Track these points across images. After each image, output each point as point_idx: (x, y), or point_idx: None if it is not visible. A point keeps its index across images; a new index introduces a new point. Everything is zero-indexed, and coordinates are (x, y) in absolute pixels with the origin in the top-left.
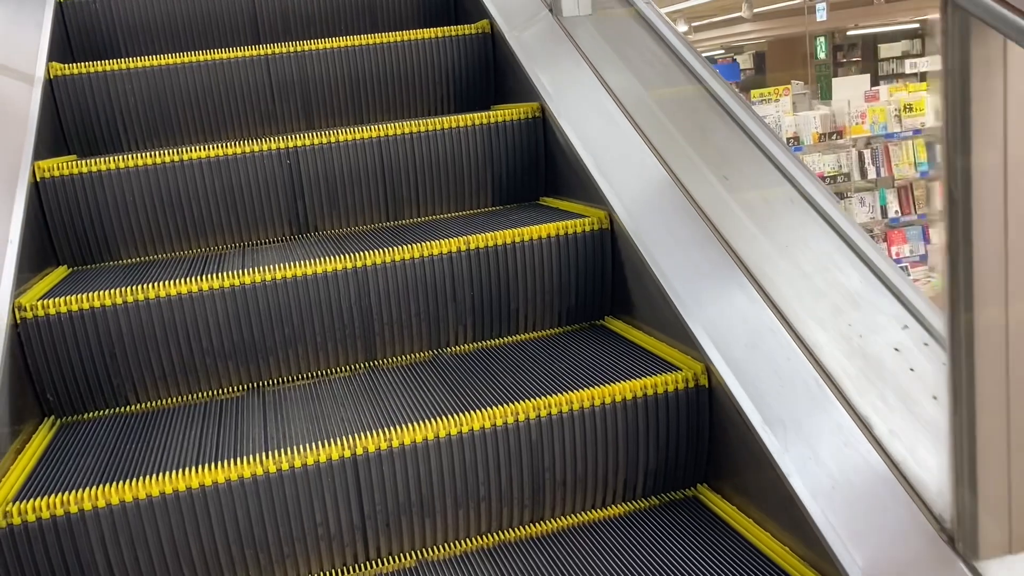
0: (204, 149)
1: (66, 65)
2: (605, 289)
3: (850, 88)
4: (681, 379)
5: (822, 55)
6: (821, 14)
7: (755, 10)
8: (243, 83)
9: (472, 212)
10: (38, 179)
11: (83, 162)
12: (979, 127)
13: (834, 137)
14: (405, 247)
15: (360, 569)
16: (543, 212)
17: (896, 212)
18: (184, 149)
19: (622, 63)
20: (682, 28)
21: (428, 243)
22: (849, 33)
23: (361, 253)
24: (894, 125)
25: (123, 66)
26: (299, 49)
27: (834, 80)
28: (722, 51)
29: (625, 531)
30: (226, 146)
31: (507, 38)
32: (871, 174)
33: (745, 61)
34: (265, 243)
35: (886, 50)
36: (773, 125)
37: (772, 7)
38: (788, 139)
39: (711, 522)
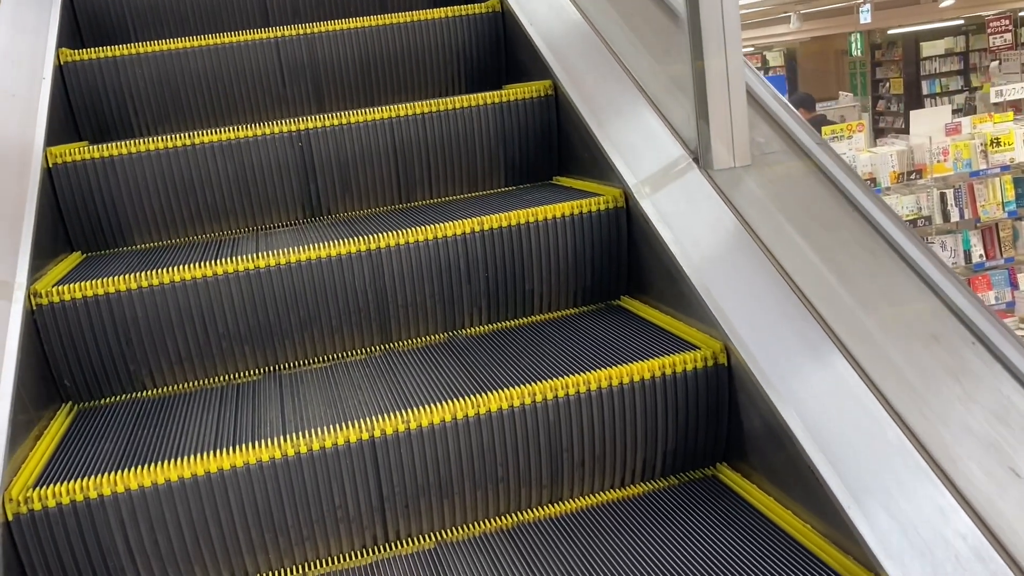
0: (215, 133)
1: (76, 51)
2: (621, 268)
3: (929, 120)
4: (700, 358)
5: (857, 52)
6: (865, 16)
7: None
8: (253, 66)
9: (485, 193)
10: (50, 165)
11: (94, 147)
12: None
13: (913, 177)
14: (419, 229)
15: (379, 551)
16: (557, 191)
17: (980, 256)
18: (195, 133)
19: (631, 30)
20: None
21: (442, 225)
22: (889, 32)
23: (375, 235)
24: (979, 161)
25: (133, 51)
26: (309, 31)
27: (912, 113)
28: (752, 48)
29: (644, 509)
30: (237, 130)
31: (516, 14)
32: (954, 216)
33: (775, 59)
34: (278, 227)
35: (928, 48)
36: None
37: (812, 9)
38: (865, 180)
39: (731, 500)
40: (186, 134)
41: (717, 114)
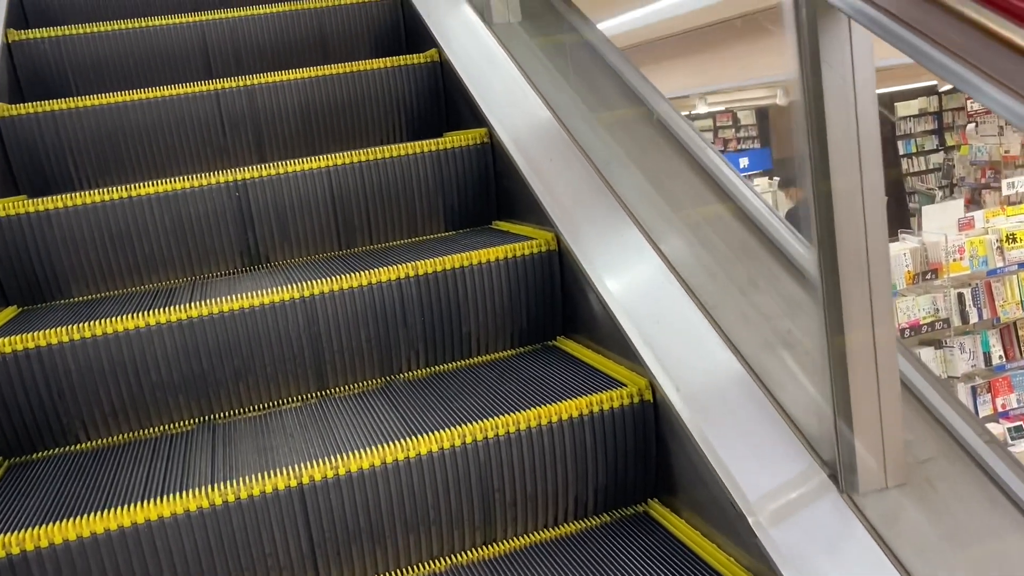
0: (154, 185)
1: (14, 106)
2: (556, 309)
3: (940, 215)
4: (626, 395)
5: None
6: None
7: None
8: (194, 118)
9: (425, 238)
10: None
11: (31, 201)
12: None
13: (929, 276)
14: (354, 275)
15: None
16: (494, 235)
17: (1000, 357)
18: (133, 185)
19: (559, 75)
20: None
21: (377, 270)
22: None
23: (310, 282)
24: (996, 259)
25: (73, 105)
26: (250, 83)
27: (924, 208)
28: (722, 108)
29: (577, 550)
30: (176, 181)
31: (455, 65)
32: (973, 317)
33: (747, 117)
34: (216, 276)
35: (903, 108)
36: None
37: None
38: None
39: (661, 537)
40: (124, 186)
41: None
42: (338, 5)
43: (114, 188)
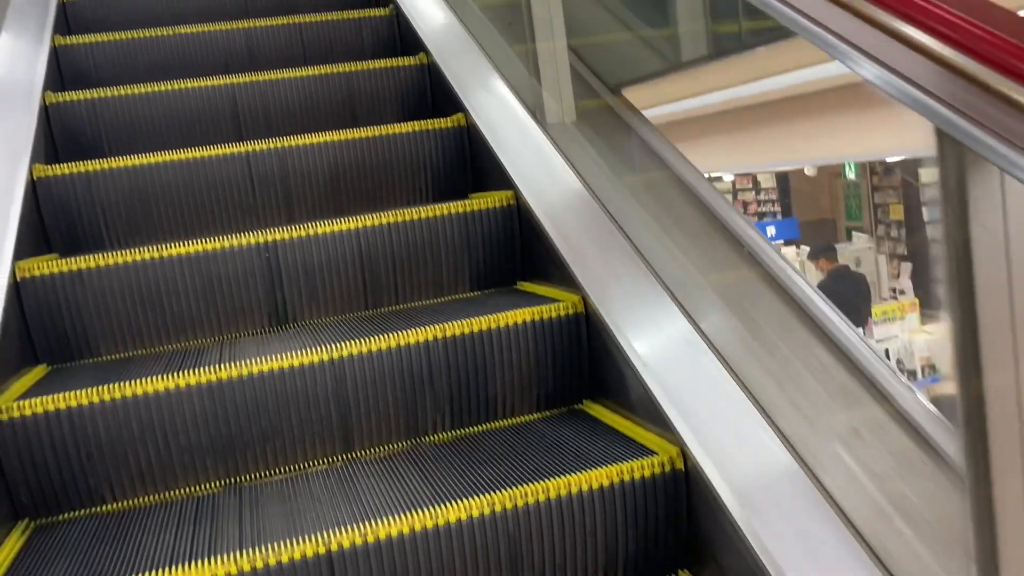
0: (184, 245)
1: (49, 166)
2: (582, 373)
3: None
4: (657, 463)
5: (852, 175)
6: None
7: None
8: (225, 179)
9: (451, 298)
10: (18, 279)
11: (63, 261)
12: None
13: None
14: (382, 336)
15: None
16: (519, 297)
17: None
18: (164, 245)
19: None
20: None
21: (405, 332)
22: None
23: (338, 344)
24: None
25: (106, 165)
26: (280, 145)
27: None
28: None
29: None
30: (206, 241)
31: (481, 130)
32: None
33: (767, 180)
34: (244, 336)
35: (927, 174)
36: (903, 350)
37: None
38: (922, 367)
39: None
40: (155, 247)
41: None
42: (367, 69)
43: (145, 248)
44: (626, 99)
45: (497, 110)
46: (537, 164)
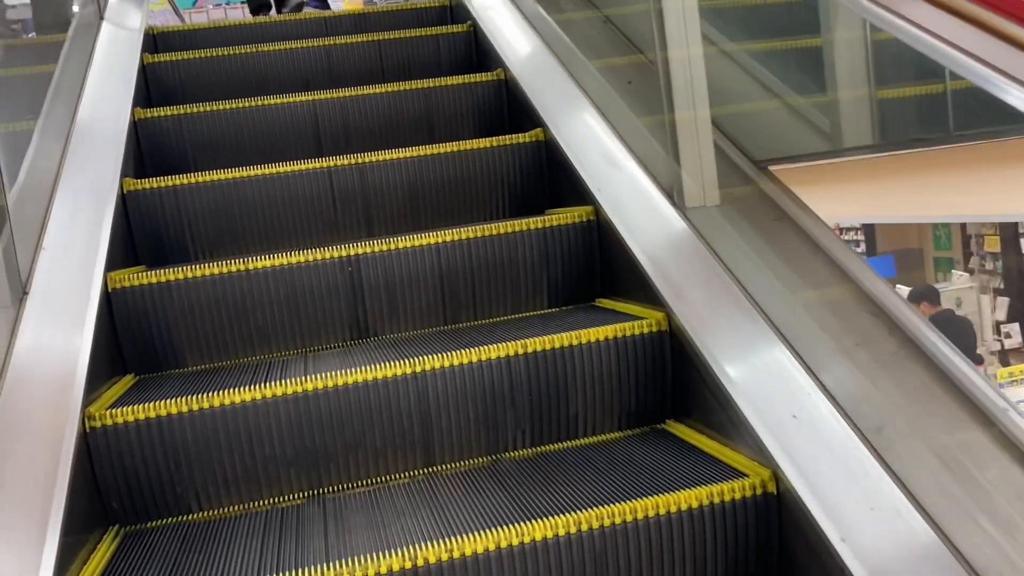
0: (268, 258)
1: (138, 180)
2: (666, 392)
3: None
4: (748, 486)
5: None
6: None
7: None
8: (306, 194)
9: (528, 314)
10: (109, 290)
11: (151, 273)
12: None
13: None
14: (463, 351)
15: None
16: (599, 313)
17: None
18: (249, 259)
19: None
20: None
21: (486, 347)
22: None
23: (421, 358)
24: None
25: (192, 180)
26: (360, 161)
27: None
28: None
29: None
30: (289, 255)
31: (559, 142)
32: None
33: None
34: (326, 348)
35: None
36: None
37: None
38: None
39: None
40: (240, 259)
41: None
42: (444, 86)
43: (230, 261)
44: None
45: (581, 131)
46: (619, 179)
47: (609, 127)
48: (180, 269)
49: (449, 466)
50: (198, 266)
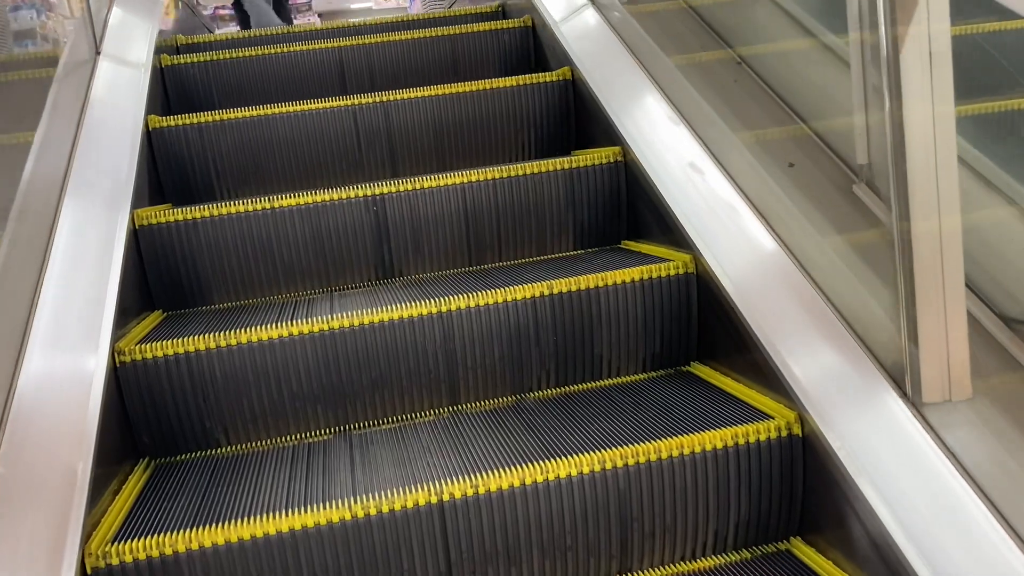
0: (294, 197)
1: (164, 118)
2: (691, 334)
3: None
4: (774, 428)
5: None
6: None
7: None
8: (332, 132)
9: (554, 256)
10: (136, 227)
11: (178, 210)
12: None
13: None
14: (489, 292)
15: None
16: (626, 256)
17: None
18: (275, 197)
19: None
20: None
21: (512, 288)
22: None
23: (446, 298)
24: None
25: (217, 117)
26: (385, 99)
27: None
28: None
29: None
30: (315, 194)
31: (587, 81)
32: None
33: None
34: (352, 287)
35: None
36: None
37: None
38: None
39: None
40: (266, 198)
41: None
42: (470, 32)
43: (256, 199)
44: None
45: (609, 63)
46: (648, 119)
47: (636, 60)
48: (207, 207)
49: (474, 405)
50: (224, 204)
